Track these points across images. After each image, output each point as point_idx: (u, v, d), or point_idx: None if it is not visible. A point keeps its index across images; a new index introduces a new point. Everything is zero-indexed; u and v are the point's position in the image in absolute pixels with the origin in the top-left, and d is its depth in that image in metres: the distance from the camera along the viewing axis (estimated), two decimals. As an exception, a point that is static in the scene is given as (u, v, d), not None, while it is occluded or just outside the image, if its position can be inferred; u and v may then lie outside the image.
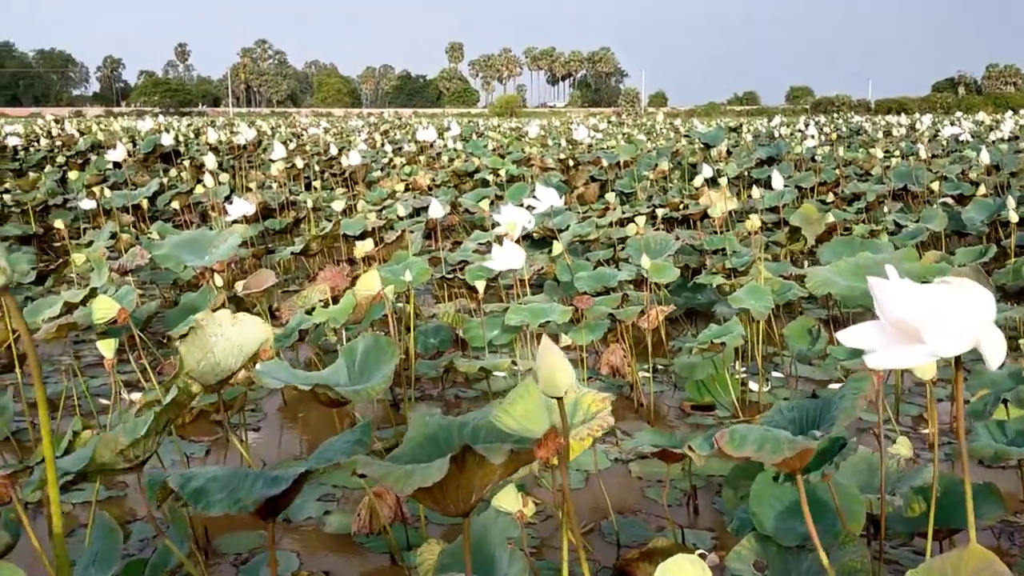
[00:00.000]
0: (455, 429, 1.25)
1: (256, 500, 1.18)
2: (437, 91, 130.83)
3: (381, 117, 37.25)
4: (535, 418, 1.03)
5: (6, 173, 8.90)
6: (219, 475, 1.26)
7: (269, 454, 3.26)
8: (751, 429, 1.38)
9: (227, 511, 1.19)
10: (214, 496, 1.20)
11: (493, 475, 1.12)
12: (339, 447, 1.30)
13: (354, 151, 8.12)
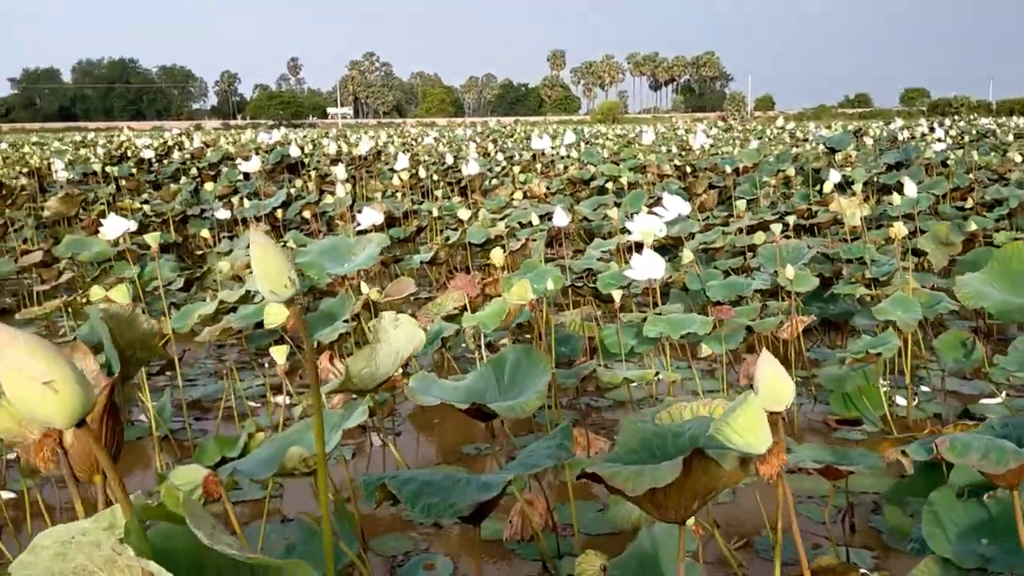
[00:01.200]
0: (669, 438, 1.25)
1: (470, 504, 1.21)
2: (539, 99, 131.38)
3: (486, 126, 37.66)
4: (757, 433, 1.02)
5: (144, 185, 9.38)
6: (433, 479, 1.30)
7: (408, 458, 3.33)
8: (974, 437, 1.33)
9: (441, 515, 1.23)
10: (430, 499, 1.23)
11: (717, 482, 1.12)
12: (542, 453, 1.32)
13: (472, 160, 8.24)
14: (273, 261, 0.89)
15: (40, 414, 0.65)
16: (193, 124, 67.31)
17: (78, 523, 0.72)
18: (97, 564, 0.73)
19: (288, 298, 0.92)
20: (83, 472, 1.08)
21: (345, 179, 6.46)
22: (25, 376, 0.64)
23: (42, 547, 0.72)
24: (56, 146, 18.26)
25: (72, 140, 23.59)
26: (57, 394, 0.65)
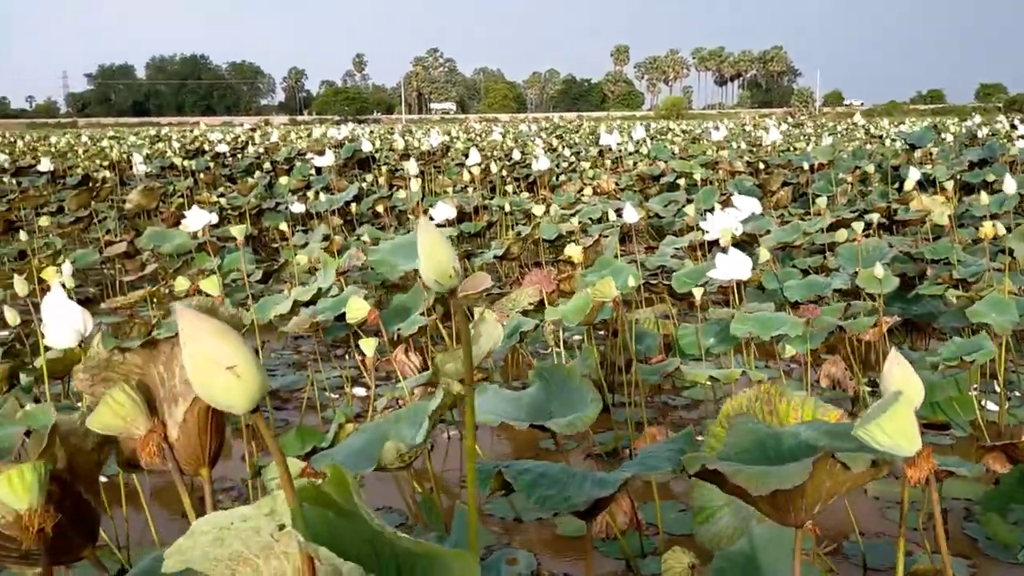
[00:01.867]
0: (785, 439, 1.23)
1: (587, 500, 1.21)
2: (601, 94, 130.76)
3: (549, 121, 37.57)
4: (908, 435, 1.00)
5: (219, 179, 9.59)
6: (549, 471, 1.30)
7: (484, 453, 3.34)
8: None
9: (556, 507, 1.22)
10: (546, 491, 1.23)
11: (841, 486, 1.09)
12: (662, 455, 1.30)
13: (542, 155, 8.23)
14: (440, 252, 0.89)
15: (223, 400, 0.66)
16: (261, 119, 68.57)
17: (238, 509, 0.73)
18: (254, 551, 0.74)
19: (452, 288, 0.93)
20: (189, 465, 1.09)
21: (416, 174, 6.51)
22: (210, 361, 0.65)
23: (200, 532, 0.73)
24: (132, 140, 18.77)
25: (147, 135, 24.22)
26: (240, 379, 0.66)
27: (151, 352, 1.05)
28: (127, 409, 1.04)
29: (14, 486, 0.86)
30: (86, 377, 1.09)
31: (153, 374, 1.07)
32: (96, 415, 1.04)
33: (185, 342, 0.66)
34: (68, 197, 7.56)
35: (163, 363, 1.06)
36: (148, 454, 1.04)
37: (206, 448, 1.08)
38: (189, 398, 1.05)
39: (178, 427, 1.06)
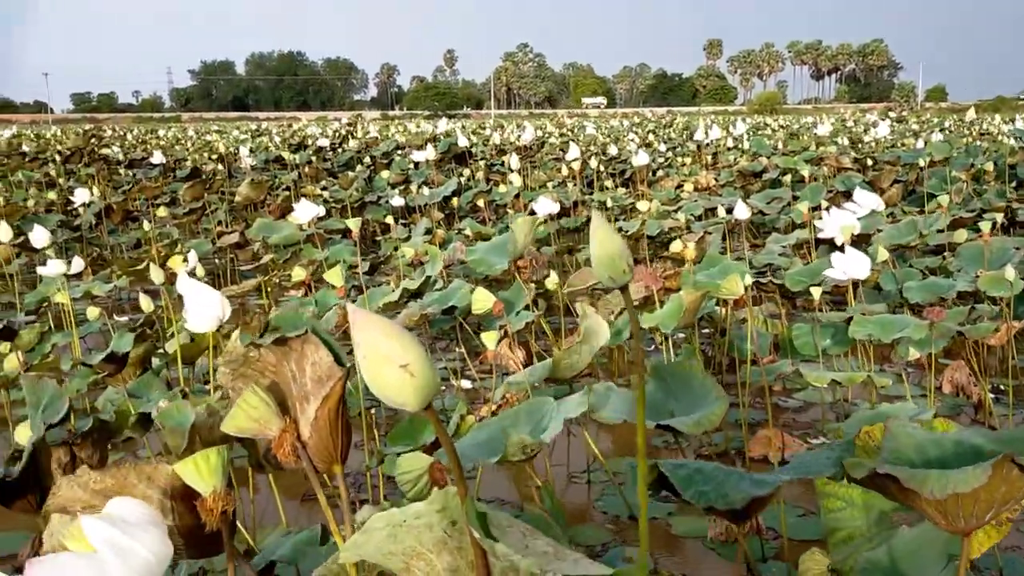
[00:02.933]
0: (946, 444, 1.19)
1: (744, 498, 1.19)
2: (693, 89, 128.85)
3: (640, 116, 37.20)
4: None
5: (321, 172, 9.81)
6: (704, 468, 1.28)
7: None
8: None
9: (712, 504, 1.21)
10: (702, 487, 1.22)
11: (1017, 492, 1.04)
12: (822, 460, 1.27)
13: (641, 151, 8.15)
14: (613, 247, 0.89)
15: (396, 397, 0.67)
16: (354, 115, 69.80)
17: (412, 506, 0.74)
18: (427, 546, 0.74)
19: (624, 283, 0.92)
20: (322, 463, 1.11)
21: (518, 168, 6.53)
22: (384, 358, 0.66)
23: (375, 528, 0.75)
24: (236, 134, 19.38)
25: (247, 129, 24.96)
26: (413, 378, 0.67)
27: (284, 350, 1.07)
28: (260, 412, 1.05)
29: (200, 469, 0.88)
30: (227, 372, 1.12)
31: (285, 372, 1.09)
32: (231, 419, 1.06)
33: (359, 341, 0.67)
34: (182, 189, 7.85)
35: (295, 361, 1.08)
36: (283, 454, 1.06)
37: (338, 445, 1.10)
38: (320, 396, 1.06)
39: (310, 425, 1.07)
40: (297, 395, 1.07)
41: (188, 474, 0.89)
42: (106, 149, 12.63)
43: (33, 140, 15.89)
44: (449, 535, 0.73)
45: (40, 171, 9.91)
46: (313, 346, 1.08)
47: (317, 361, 1.05)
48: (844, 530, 1.72)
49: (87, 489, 0.99)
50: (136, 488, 0.97)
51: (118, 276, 4.81)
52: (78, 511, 0.99)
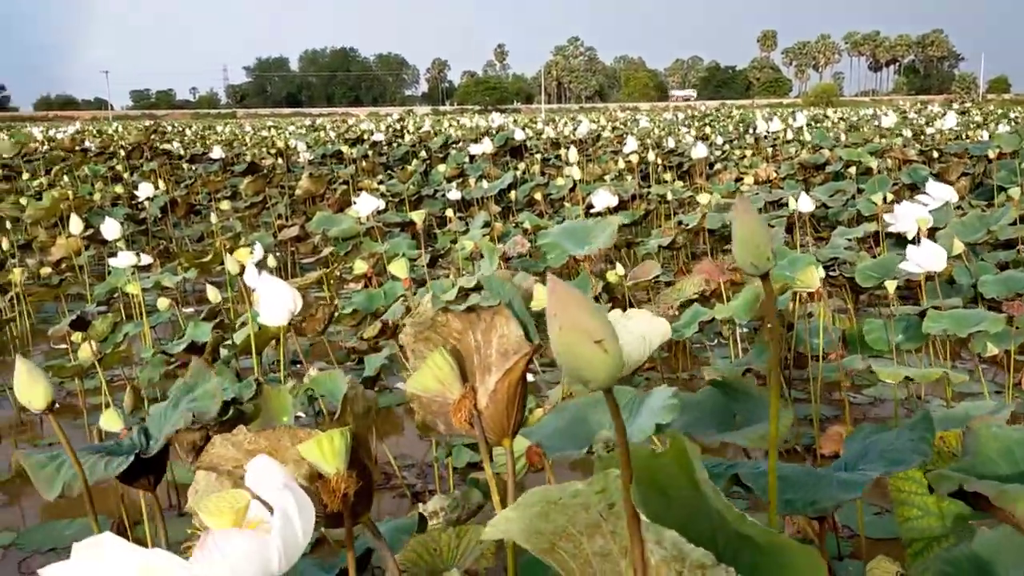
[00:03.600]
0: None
1: (833, 502, 1.15)
2: (746, 81, 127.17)
3: (691, 108, 36.83)
4: None
5: (377, 167, 9.88)
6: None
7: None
8: None
9: (799, 511, 1.17)
10: (787, 495, 1.18)
11: None
12: (904, 446, 1.22)
13: (699, 143, 8.06)
14: (757, 234, 0.86)
15: (587, 372, 0.66)
16: (405, 110, 70.35)
17: (570, 484, 0.72)
18: (579, 527, 0.73)
19: (767, 271, 0.89)
20: (494, 434, 1.11)
21: (576, 161, 6.50)
22: (581, 333, 0.65)
23: (527, 505, 0.74)
24: (291, 130, 19.63)
25: (302, 124, 25.27)
26: (606, 354, 0.65)
27: (472, 319, 1.08)
28: (445, 374, 1.07)
29: (324, 451, 0.89)
30: (411, 332, 1.13)
31: (469, 341, 1.09)
32: (418, 376, 1.08)
33: (555, 313, 0.66)
34: (244, 183, 7.97)
35: (481, 331, 1.08)
36: (460, 419, 1.08)
37: (511, 419, 1.11)
38: (502, 368, 1.06)
39: (488, 396, 1.08)
40: (478, 365, 1.08)
41: (313, 455, 0.89)
42: (166, 145, 12.88)
43: (95, 136, 16.27)
44: (604, 518, 0.71)
45: (104, 166, 10.14)
46: (503, 318, 1.09)
47: (505, 334, 1.06)
48: (922, 540, 1.67)
49: (240, 448, 1.00)
50: (288, 451, 0.98)
51: (184, 268, 4.89)
52: (228, 469, 1.01)
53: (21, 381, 1.07)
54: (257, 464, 0.83)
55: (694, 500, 0.75)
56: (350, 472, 0.89)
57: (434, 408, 1.13)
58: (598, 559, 0.75)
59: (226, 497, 0.77)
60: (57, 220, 6.51)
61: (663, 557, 0.68)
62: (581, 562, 0.76)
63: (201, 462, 1.02)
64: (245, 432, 1.01)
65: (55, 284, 4.79)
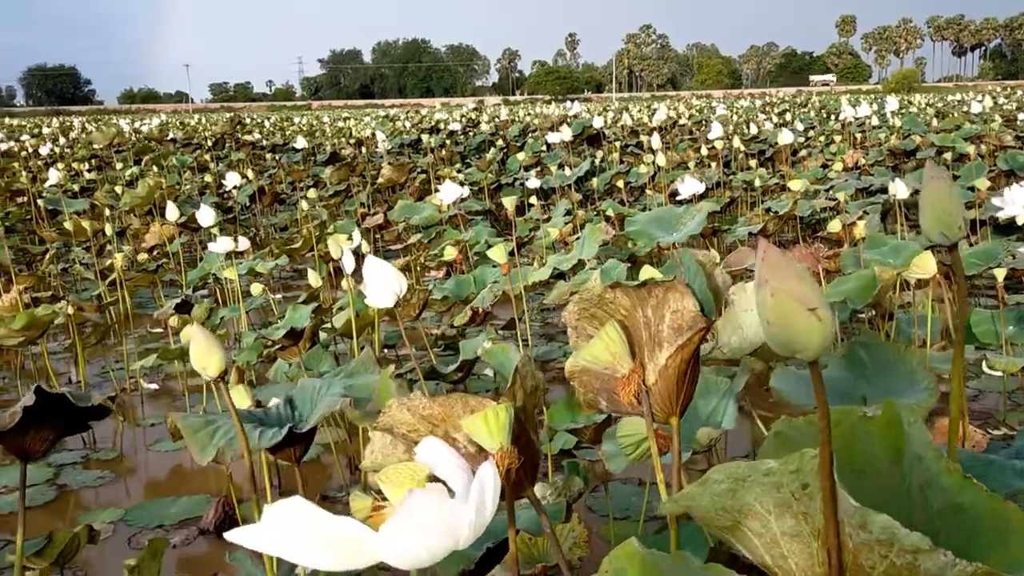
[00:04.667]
0: None
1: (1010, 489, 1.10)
2: (824, 67, 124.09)
3: (773, 96, 36.08)
4: None
5: (455, 156, 9.92)
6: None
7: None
8: None
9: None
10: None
11: None
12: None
13: (785, 129, 7.88)
14: (948, 200, 0.82)
15: (799, 342, 0.63)
16: (477, 100, 70.53)
17: (762, 462, 0.69)
18: (767, 507, 0.70)
19: (955, 242, 0.85)
20: (661, 412, 1.09)
21: (660, 147, 6.41)
22: (794, 301, 0.62)
23: (714, 481, 0.71)
24: (367, 120, 19.87)
25: (377, 115, 25.55)
26: (820, 323, 0.62)
27: (641, 295, 1.06)
28: (617, 348, 1.05)
29: (489, 426, 0.87)
30: (575, 310, 1.12)
31: (637, 317, 1.07)
32: (589, 348, 1.07)
33: (767, 279, 0.63)
34: (327, 172, 8.09)
35: (652, 307, 1.06)
36: (627, 394, 1.06)
37: (680, 397, 1.08)
38: (676, 345, 1.04)
39: (657, 372, 1.06)
40: (647, 341, 1.06)
41: (476, 430, 0.88)
42: (248, 135, 13.16)
43: (179, 128, 16.72)
44: (796, 498, 0.68)
45: (191, 156, 10.41)
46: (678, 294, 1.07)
47: (680, 309, 1.04)
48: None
49: (415, 414, 1.01)
50: (460, 419, 0.99)
51: (276, 255, 4.98)
52: (403, 433, 1.02)
53: (198, 349, 1.09)
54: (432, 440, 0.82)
55: (890, 478, 0.71)
56: (514, 447, 0.88)
57: (597, 385, 1.11)
58: (787, 539, 0.72)
59: (406, 468, 0.76)
60: (150, 208, 6.70)
61: (864, 540, 0.64)
62: (767, 541, 0.73)
63: (378, 424, 1.03)
64: (421, 398, 1.01)
65: (152, 270, 4.93)
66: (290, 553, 0.74)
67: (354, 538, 0.71)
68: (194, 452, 1.19)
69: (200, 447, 1.19)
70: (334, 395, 1.20)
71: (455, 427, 1.06)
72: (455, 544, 0.73)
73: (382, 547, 0.70)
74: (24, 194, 7.75)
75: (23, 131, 19.40)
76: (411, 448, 1.09)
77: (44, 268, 4.98)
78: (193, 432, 1.21)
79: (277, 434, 1.18)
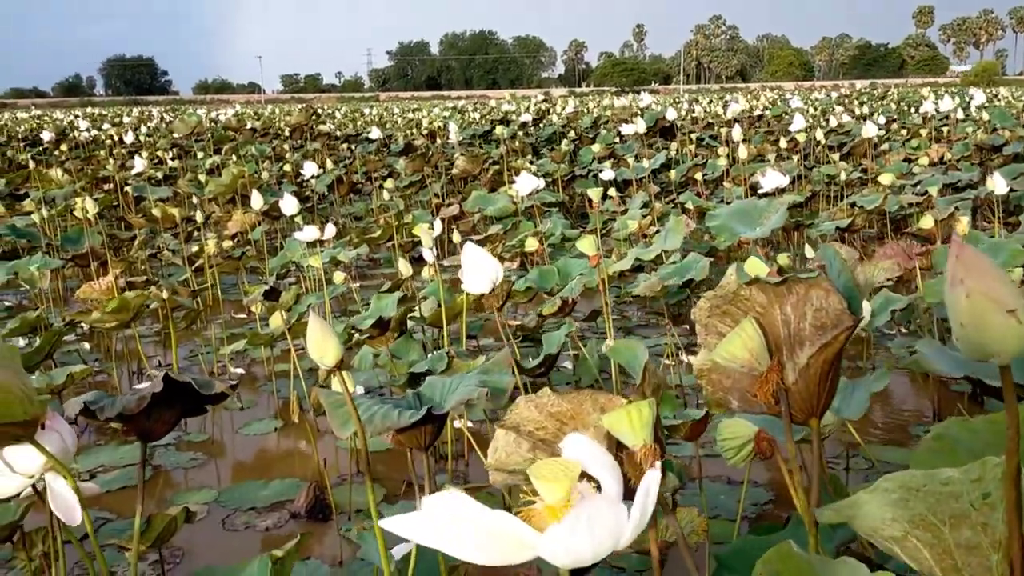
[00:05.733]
0: None
1: None
2: (900, 59, 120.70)
3: (848, 88, 35.20)
4: None
5: (526, 147, 9.91)
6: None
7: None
8: None
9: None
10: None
11: None
12: None
13: (869, 122, 7.67)
14: None
15: (994, 344, 0.60)
16: (542, 92, 70.17)
17: (938, 471, 0.67)
18: (941, 517, 0.67)
19: None
20: (801, 413, 1.06)
21: (741, 139, 6.30)
22: (992, 302, 0.59)
23: (884, 490, 0.69)
24: (436, 111, 19.97)
25: (445, 106, 25.65)
26: (1019, 325, 0.59)
27: (779, 292, 1.04)
28: (755, 344, 1.03)
29: (632, 422, 0.86)
30: (707, 306, 1.11)
31: (775, 314, 1.05)
32: (726, 345, 1.05)
33: (962, 278, 0.60)
34: (401, 162, 8.16)
35: (792, 304, 1.04)
36: (765, 394, 1.03)
37: (821, 397, 1.06)
38: (818, 344, 1.01)
39: (797, 372, 1.03)
40: (786, 339, 1.04)
41: (618, 425, 0.87)
42: (322, 126, 13.35)
43: (254, 118, 17.05)
44: (975, 508, 0.66)
45: (268, 146, 10.60)
46: (821, 291, 1.05)
47: (823, 307, 1.01)
48: None
49: (543, 410, 1.01)
50: (590, 416, 0.98)
51: (356, 244, 5.04)
52: (530, 430, 1.02)
53: (315, 338, 1.10)
54: (577, 436, 0.81)
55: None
56: (655, 444, 0.86)
57: (727, 383, 1.09)
58: (961, 551, 0.69)
59: (558, 464, 0.75)
60: (232, 196, 6.84)
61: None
62: (939, 552, 0.70)
63: (505, 422, 1.02)
64: (549, 394, 1.01)
65: (236, 257, 5.03)
66: (447, 544, 0.74)
67: (514, 534, 0.71)
68: (335, 427, 1.23)
69: (341, 422, 1.22)
70: (470, 385, 1.21)
71: (584, 424, 1.05)
72: (616, 545, 0.72)
73: (548, 546, 0.69)
74: (110, 181, 7.99)
75: (104, 120, 20.02)
76: (536, 446, 1.08)
77: (134, 253, 5.12)
78: (335, 408, 1.24)
79: (415, 413, 1.19)
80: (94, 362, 4.07)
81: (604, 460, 0.79)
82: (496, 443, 1.08)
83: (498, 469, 1.11)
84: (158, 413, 1.62)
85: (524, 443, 1.08)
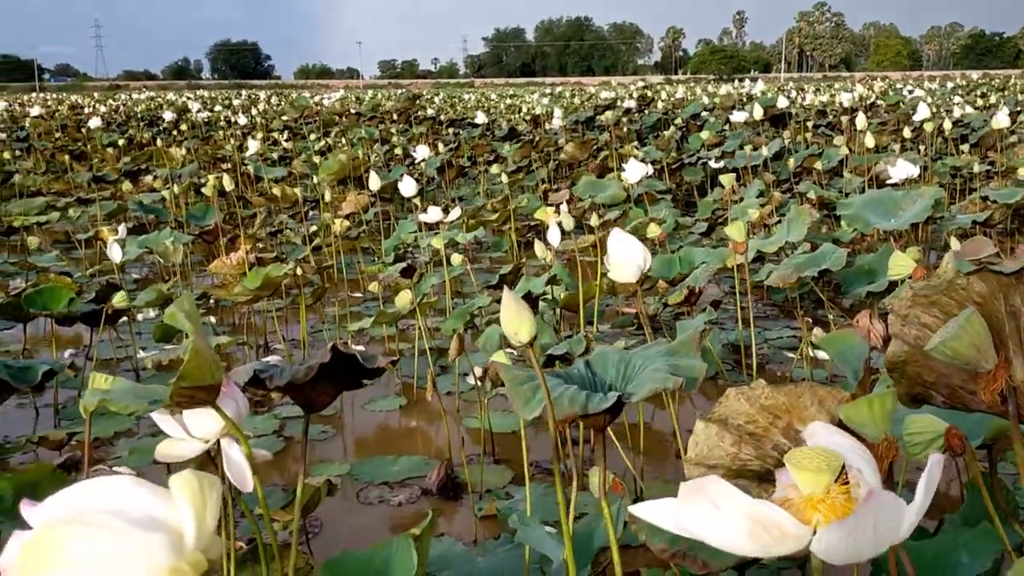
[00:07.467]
0: None
1: None
2: (1015, 49, 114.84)
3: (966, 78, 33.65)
4: None
5: (630, 134, 9.80)
6: None
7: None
8: None
9: None
10: None
11: None
12: None
13: (1001, 112, 7.30)
14: None
15: None
16: (638, 79, 69.39)
17: None
18: None
19: None
20: None
21: (864, 127, 6.08)
22: None
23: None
24: (535, 97, 19.95)
25: (542, 93, 25.60)
26: None
27: (1006, 283, 0.98)
28: (981, 340, 0.97)
29: (874, 412, 0.82)
30: (910, 295, 1.05)
31: (998, 306, 0.99)
32: (951, 341, 0.99)
33: None
34: (507, 147, 8.16)
35: (1020, 295, 0.97)
36: (990, 392, 0.98)
37: None
38: None
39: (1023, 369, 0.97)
40: (1011, 333, 0.98)
41: (858, 416, 0.83)
42: (423, 111, 13.49)
43: (356, 102, 17.34)
44: None
45: (376, 129, 10.76)
46: None
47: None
48: None
49: (755, 403, 0.98)
50: (807, 410, 0.94)
51: (471, 227, 5.06)
52: (738, 423, 0.99)
53: (509, 314, 1.08)
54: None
55: None
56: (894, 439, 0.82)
57: (930, 378, 1.03)
58: None
59: (820, 455, 0.71)
60: (343, 178, 6.97)
61: None
62: None
63: (713, 414, 0.99)
64: (763, 386, 0.97)
65: (353, 237, 5.12)
66: (704, 531, 0.71)
67: (781, 525, 0.68)
68: (517, 406, 1.17)
69: (524, 401, 1.17)
70: (661, 372, 1.16)
71: (800, 418, 1.00)
72: (893, 541, 0.68)
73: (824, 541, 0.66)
74: (226, 161, 8.23)
75: (215, 102, 20.67)
76: (743, 439, 1.05)
77: (256, 231, 5.26)
78: (517, 385, 1.20)
79: (604, 400, 1.16)
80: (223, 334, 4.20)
81: (860, 451, 0.75)
82: (696, 437, 1.05)
83: (698, 463, 1.07)
84: (322, 385, 1.65)
85: (728, 437, 1.04)
